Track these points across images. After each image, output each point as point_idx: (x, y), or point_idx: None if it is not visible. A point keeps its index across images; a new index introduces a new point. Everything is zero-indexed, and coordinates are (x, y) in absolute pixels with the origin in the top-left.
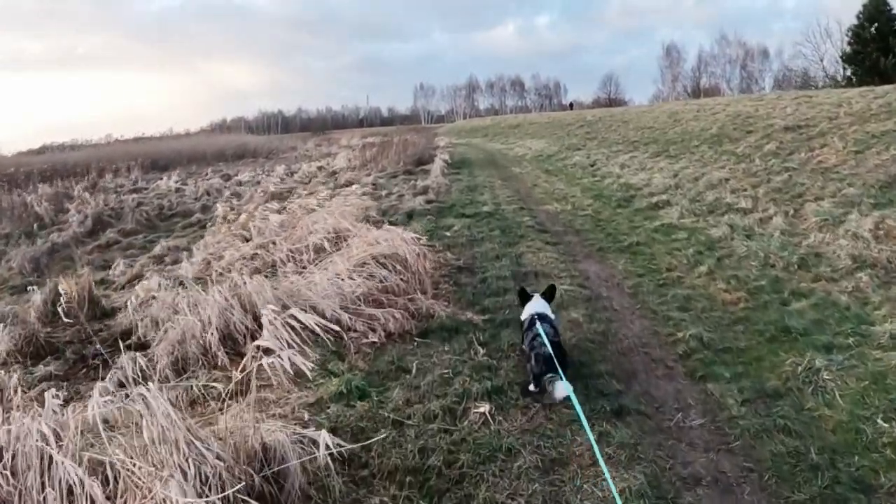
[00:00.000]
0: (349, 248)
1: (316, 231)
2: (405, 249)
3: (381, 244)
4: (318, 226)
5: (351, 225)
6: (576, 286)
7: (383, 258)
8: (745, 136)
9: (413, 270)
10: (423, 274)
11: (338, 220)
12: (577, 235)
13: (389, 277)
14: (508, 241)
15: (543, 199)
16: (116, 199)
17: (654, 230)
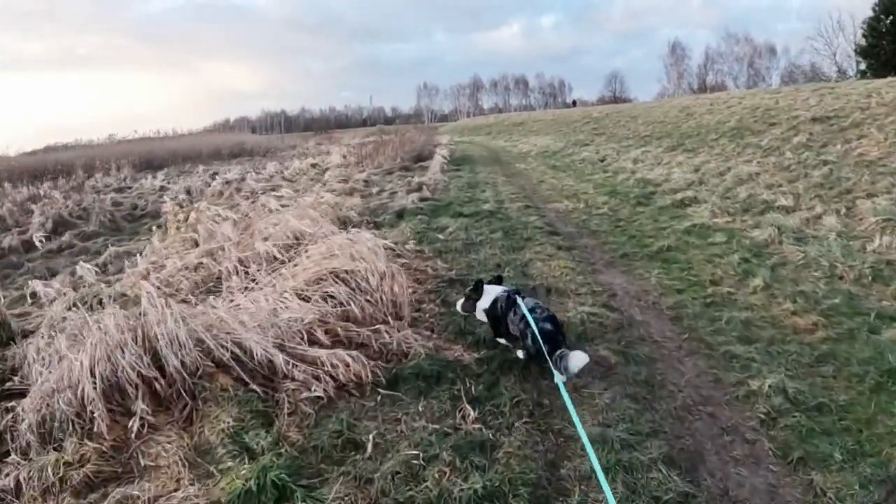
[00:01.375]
0: (305, 259)
1: (273, 236)
2: (372, 263)
3: (339, 256)
4: (276, 229)
5: (315, 228)
6: (600, 307)
7: (344, 273)
8: (769, 128)
9: (382, 290)
10: (396, 295)
11: (302, 222)
12: (594, 238)
13: (352, 299)
14: (512, 246)
15: (551, 195)
16: (95, 199)
17: (685, 231)
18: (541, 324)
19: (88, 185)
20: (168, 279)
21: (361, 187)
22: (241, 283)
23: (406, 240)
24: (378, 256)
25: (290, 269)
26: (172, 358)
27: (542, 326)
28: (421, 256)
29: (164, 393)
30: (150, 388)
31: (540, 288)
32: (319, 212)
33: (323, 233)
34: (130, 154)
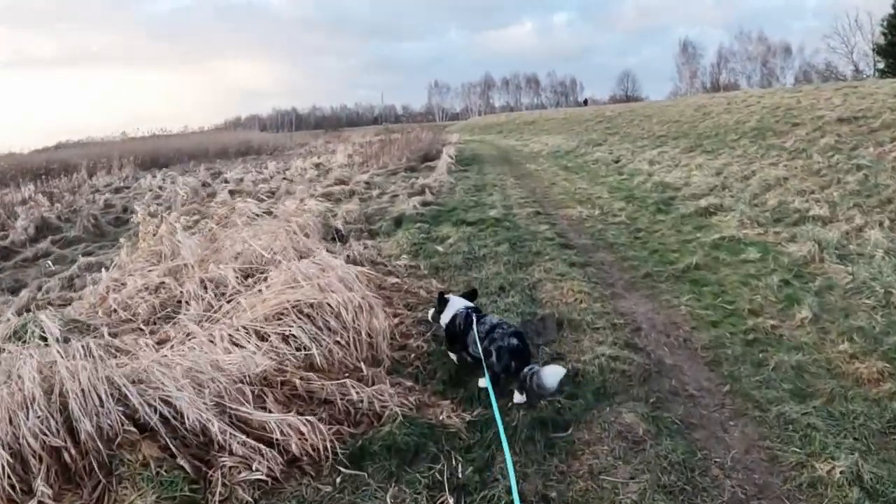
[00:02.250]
0: (265, 289)
1: (241, 254)
2: (343, 295)
3: (302, 286)
4: (245, 247)
5: (289, 245)
6: (622, 346)
7: (310, 308)
8: (792, 128)
9: (356, 329)
10: (374, 333)
11: (274, 241)
12: (612, 252)
13: (317, 341)
14: (520, 261)
15: (563, 200)
16: (88, 201)
17: (712, 245)
18: (507, 339)
19: (89, 184)
20: (126, 301)
21: (362, 189)
22: (199, 310)
23: (400, 253)
24: (352, 286)
25: (251, 297)
26: (87, 421)
27: (509, 342)
28: (415, 274)
29: (74, 466)
30: (59, 459)
31: (550, 319)
32: (300, 223)
33: (293, 253)
34: (136, 152)
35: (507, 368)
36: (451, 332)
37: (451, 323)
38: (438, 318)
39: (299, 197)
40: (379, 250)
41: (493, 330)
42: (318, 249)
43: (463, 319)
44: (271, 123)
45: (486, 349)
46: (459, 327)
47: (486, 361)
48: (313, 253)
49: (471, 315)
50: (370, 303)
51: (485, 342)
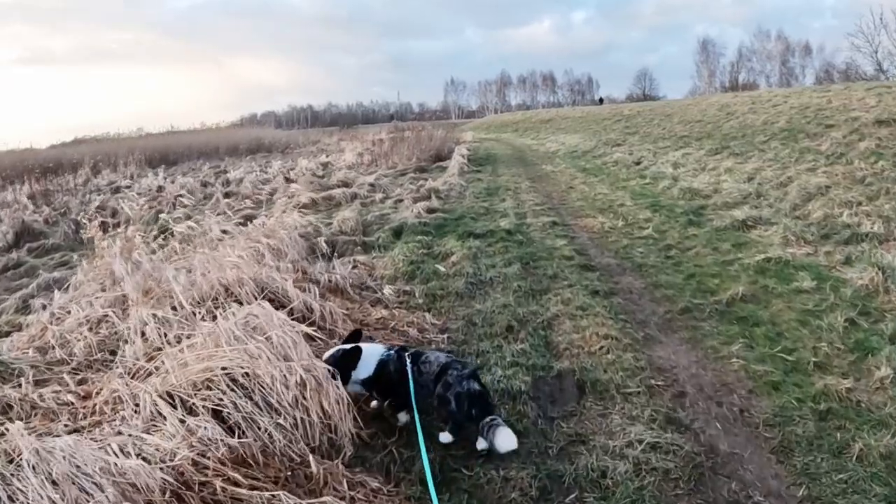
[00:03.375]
0: (190, 347)
1: (195, 284)
2: (275, 367)
3: (226, 351)
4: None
5: (252, 275)
6: (663, 424)
7: (243, 377)
8: (826, 130)
9: (303, 408)
10: (330, 413)
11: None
12: (640, 275)
13: (252, 422)
14: (532, 288)
15: (583, 208)
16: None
17: (757, 269)
18: (466, 383)
19: (93, 183)
20: (66, 336)
21: (365, 192)
22: (133, 357)
23: (394, 274)
24: (290, 353)
25: (171, 358)
26: None
27: (469, 387)
28: (407, 304)
29: None
30: None
31: (568, 378)
32: (272, 244)
33: (251, 287)
34: (146, 149)
35: (469, 417)
36: (383, 385)
37: (380, 372)
38: (348, 374)
39: (281, 208)
40: (370, 269)
41: (446, 371)
42: (285, 279)
43: (397, 364)
44: (287, 120)
45: (441, 396)
46: (395, 374)
47: (442, 412)
48: (271, 285)
49: (403, 357)
50: (317, 377)
51: (437, 387)
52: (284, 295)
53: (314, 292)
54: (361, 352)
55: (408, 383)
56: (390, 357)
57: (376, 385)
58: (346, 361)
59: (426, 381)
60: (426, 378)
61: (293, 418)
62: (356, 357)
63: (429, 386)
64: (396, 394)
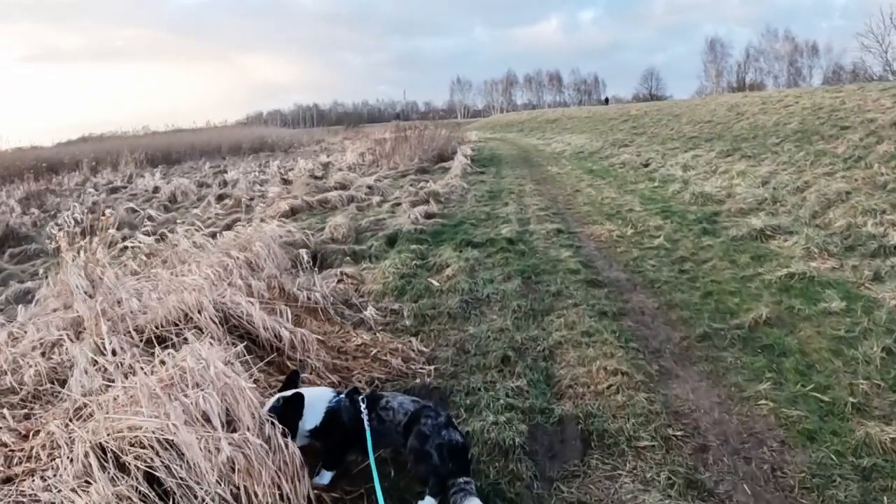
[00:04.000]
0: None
1: (150, 309)
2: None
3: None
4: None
5: (216, 298)
6: (683, 491)
7: (166, 443)
8: (841, 132)
9: (232, 485)
10: (279, 483)
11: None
12: (653, 293)
13: (192, 489)
14: (533, 308)
15: (590, 213)
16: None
17: (780, 286)
18: (446, 433)
19: (91, 182)
20: (19, 361)
21: (363, 195)
22: (79, 393)
23: (383, 289)
24: (238, 404)
25: (113, 401)
26: None
27: (450, 437)
28: (394, 326)
29: None
30: None
31: (571, 426)
32: (247, 258)
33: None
34: (149, 148)
35: (451, 473)
36: (334, 437)
37: (332, 422)
38: (295, 426)
39: (259, 216)
40: (358, 283)
41: (418, 420)
42: (251, 303)
43: (350, 411)
44: (293, 119)
45: (417, 450)
46: (348, 425)
47: (425, 467)
48: (234, 310)
49: (357, 402)
50: (249, 455)
51: (410, 440)
52: (250, 321)
53: (287, 315)
54: (304, 399)
55: (364, 434)
56: (341, 403)
57: (325, 437)
58: (289, 412)
59: (389, 431)
60: (389, 427)
61: (233, 487)
62: (299, 405)
63: (391, 436)
64: (349, 447)
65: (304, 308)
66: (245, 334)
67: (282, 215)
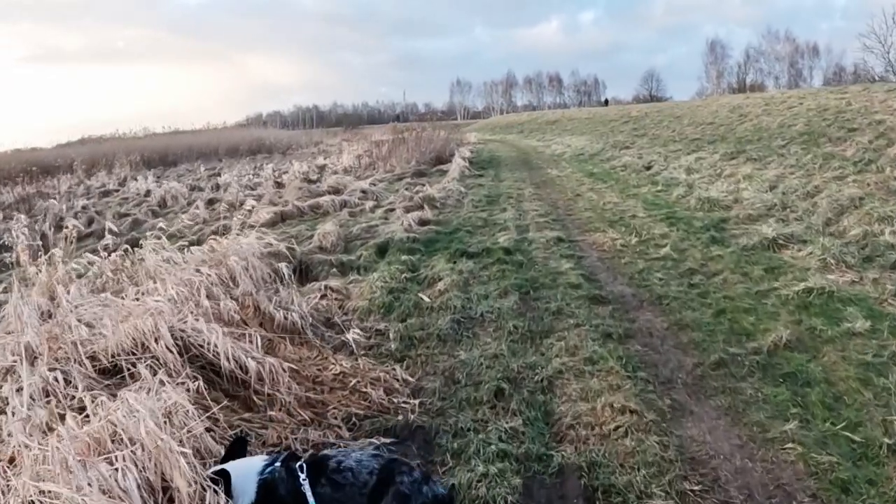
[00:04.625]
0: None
1: (102, 339)
2: None
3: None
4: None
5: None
6: None
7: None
8: (849, 134)
9: None
10: None
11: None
12: (661, 311)
13: None
14: (531, 330)
15: (591, 220)
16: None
17: (799, 303)
18: (427, 488)
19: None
20: None
21: (356, 200)
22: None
23: (369, 306)
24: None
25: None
26: None
27: (435, 491)
28: (378, 350)
29: None
30: None
31: (572, 473)
32: (219, 274)
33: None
34: (146, 150)
35: None
36: None
37: (268, 499)
38: None
39: (240, 225)
40: (343, 299)
41: (392, 479)
42: (212, 330)
43: (288, 483)
44: (292, 120)
45: None
46: (287, 499)
47: None
48: (195, 338)
49: (295, 470)
50: None
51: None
52: (212, 350)
53: (256, 341)
54: (230, 477)
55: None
56: (275, 474)
57: None
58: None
59: (351, 497)
60: (350, 492)
61: None
62: (226, 485)
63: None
64: None
65: (280, 329)
66: (207, 364)
67: (271, 222)
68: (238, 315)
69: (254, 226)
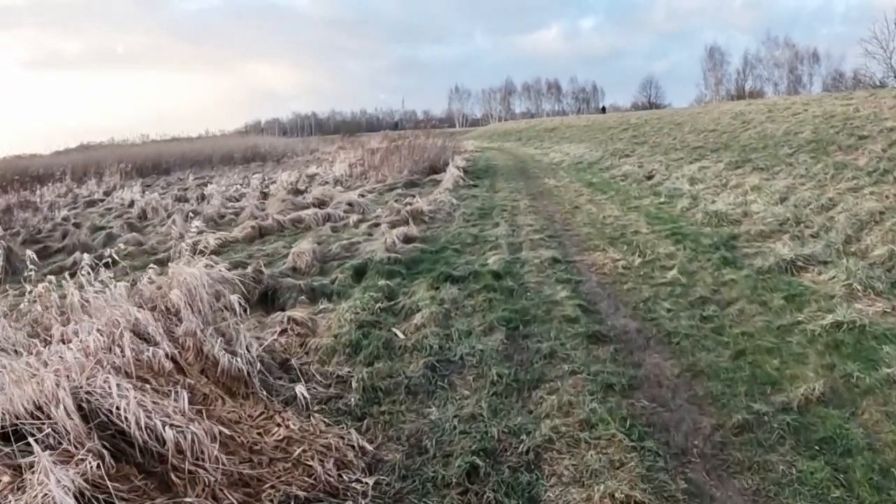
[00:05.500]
0: None
1: None
2: None
3: None
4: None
5: (82, 383)
6: None
7: None
8: (860, 142)
9: None
10: None
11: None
12: (672, 354)
13: None
14: (517, 379)
15: (590, 236)
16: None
17: (828, 341)
18: None
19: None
20: None
21: (341, 213)
22: None
23: (334, 344)
24: None
25: None
26: None
27: None
28: (333, 407)
29: None
30: None
31: None
32: (159, 307)
33: (68, 404)
34: (139, 157)
35: None
36: None
37: None
38: None
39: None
40: (307, 334)
41: None
42: (124, 393)
43: None
44: (291, 127)
45: None
46: None
47: None
48: (103, 403)
49: None
50: None
51: None
52: (122, 417)
53: (184, 401)
54: None
55: None
56: None
57: None
58: None
59: None
60: None
61: None
62: None
63: None
64: None
65: (224, 377)
66: (118, 433)
67: (248, 237)
68: (171, 364)
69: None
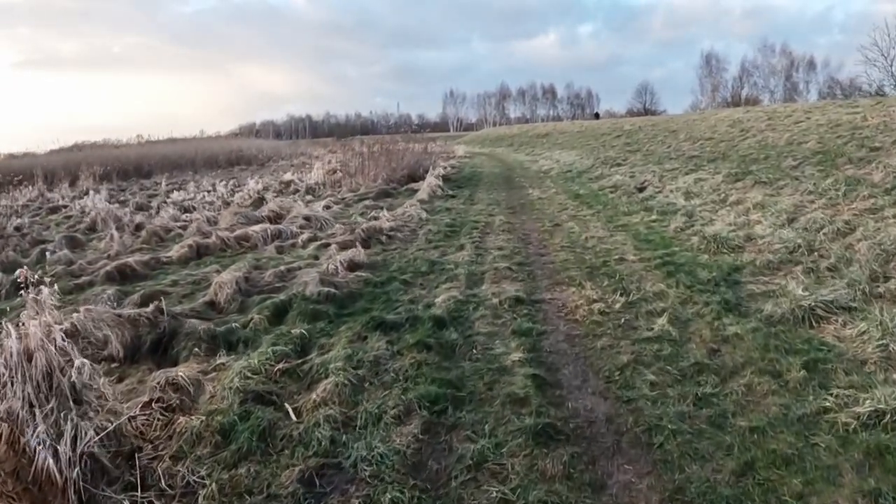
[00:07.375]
0: None
1: None
2: None
3: None
4: None
5: None
6: None
7: None
8: (871, 154)
9: None
10: None
11: None
12: (653, 466)
13: None
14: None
15: (566, 265)
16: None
17: (867, 449)
18: None
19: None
20: None
21: (294, 230)
22: None
23: (201, 430)
24: None
25: None
26: None
27: None
28: None
29: None
30: None
31: None
32: None
33: None
34: (119, 160)
35: None
36: None
37: None
38: None
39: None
40: (178, 409)
41: None
42: None
43: None
44: (285, 130)
45: None
46: None
47: None
48: None
49: None
50: None
51: None
52: None
53: None
54: None
55: None
56: None
57: None
58: None
59: None
60: None
61: None
62: None
63: None
64: None
65: (33, 485)
66: None
67: (183, 258)
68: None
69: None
